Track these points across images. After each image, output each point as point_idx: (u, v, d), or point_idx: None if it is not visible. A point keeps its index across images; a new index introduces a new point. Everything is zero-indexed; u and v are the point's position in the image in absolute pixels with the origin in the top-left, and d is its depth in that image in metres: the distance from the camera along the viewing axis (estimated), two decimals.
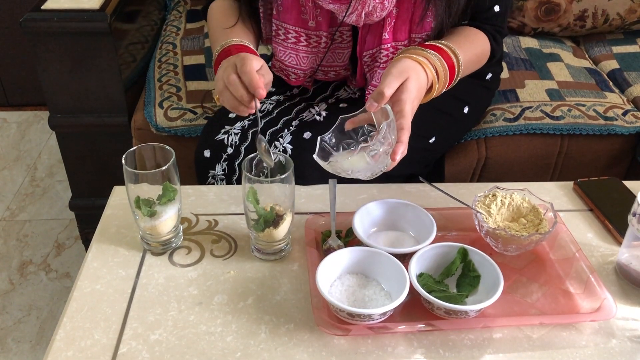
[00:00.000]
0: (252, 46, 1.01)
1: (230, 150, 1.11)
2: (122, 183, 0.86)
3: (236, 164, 1.10)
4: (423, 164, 1.22)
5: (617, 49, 1.66)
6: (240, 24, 1.07)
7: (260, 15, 1.10)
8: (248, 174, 0.81)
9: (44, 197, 1.99)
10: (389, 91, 0.87)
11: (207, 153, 1.13)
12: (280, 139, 1.08)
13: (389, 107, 0.88)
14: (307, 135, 1.08)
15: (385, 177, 1.13)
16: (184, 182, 0.90)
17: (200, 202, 0.98)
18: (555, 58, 1.57)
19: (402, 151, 0.86)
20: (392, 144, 0.86)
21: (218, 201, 0.99)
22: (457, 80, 1.04)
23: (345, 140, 0.91)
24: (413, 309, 0.79)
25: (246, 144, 1.10)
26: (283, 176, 0.80)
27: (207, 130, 1.17)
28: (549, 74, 1.50)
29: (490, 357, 0.75)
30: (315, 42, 1.10)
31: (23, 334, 1.52)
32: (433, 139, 1.19)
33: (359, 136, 0.92)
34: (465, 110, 1.24)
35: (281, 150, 1.07)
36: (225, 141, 1.11)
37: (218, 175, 1.13)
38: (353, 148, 0.91)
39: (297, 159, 0.99)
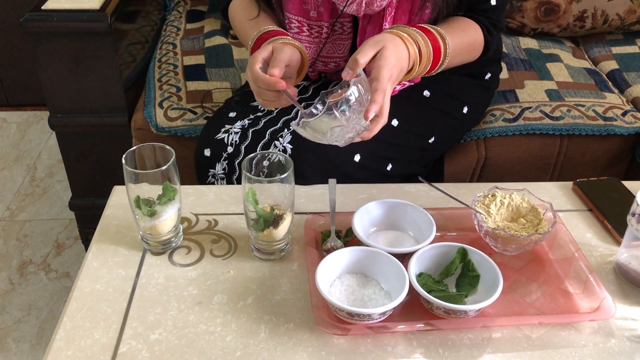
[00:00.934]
0: (280, 28, 1.04)
1: (230, 150, 1.11)
2: (122, 183, 0.86)
3: (236, 163, 1.11)
4: (422, 164, 1.23)
5: (617, 50, 1.67)
6: (263, 14, 1.10)
7: (274, 6, 1.11)
8: (248, 174, 0.81)
9: (44, 197, 1.99)
10: (363, 59, 0.87)
11: (207, 152, 1.13)
12: (280, 139, 1.08)
13: (362, 72, 0.87)
14: None
15: (385, 177, 1.13)
16: (183, 181, 0.90)
17: (200, 201, 0.98)
18: (555, 58, 1.57)
19: (375, 110, 0.85)
20: (366, 104, 0.86)
21: (218, 201, 0.99)
22: (444, 66, 1.03)
23: None
24: (412, 308, 0.79)
25: (246, 143, 1.10)
26: (283, 176, 0.81)
27: (207, 129, 1.17)
28: (549, 74, 1.50)
29: (490, 356, 0.75)
30: (317, 33, 1.11)
31: (23, 333, 1.52)
32: (432, 139, 1.19)
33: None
34: (465, 110, 1.24)
35: (281, 149, 1.07)
36: (226, 140, 1.12)
37: (218, 174, 1.13)
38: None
39: (297, 158, 0.99)
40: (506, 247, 0.88)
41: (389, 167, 1.13)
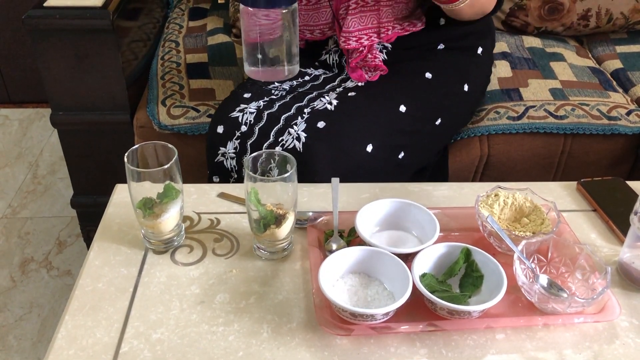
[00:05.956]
0: None
1: (244, 129, 1.11)
2: (124, 181, 0.86)
3: (249, 143, 1.11)
4: (433, 150, 1.23)
5: (621, 49, 1.66)
6: None
7: None
8: (250, 173, 0.81)
9: (46, 194, 1.99)
10: None
11: (219, 129, 1.13)
12: (295, 126, 1.08)
13: None
14: (321, 124, 1.08)
15: (398, 167, 1.13)
16: (186, 180, 0.89)
17: (203, 200, 0.98)
18: (559, 57, 1.57)
19: None
20: None
21: (220, 200, 0.98)
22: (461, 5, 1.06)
23: None
24: (416, 309, 0.79)
25: (261, 124, 1.11)
26: (286, 175, 0.80)
27: (222, 108, 1.18)
28: (553, 73, 1.49)
29: (493, 357, 0.74)
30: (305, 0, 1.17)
31: (24, 331, 1.52)
32: (439, 121, 1.20)
33: None
34: (466, 88, 1.25)
35: (295, 137, 1.07)
36: (240, 119, 1.12)
37: (229, 153, 1.13)
38: None
39: (311, 148, 0.98)
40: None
41: (401, 156, 1.14)
